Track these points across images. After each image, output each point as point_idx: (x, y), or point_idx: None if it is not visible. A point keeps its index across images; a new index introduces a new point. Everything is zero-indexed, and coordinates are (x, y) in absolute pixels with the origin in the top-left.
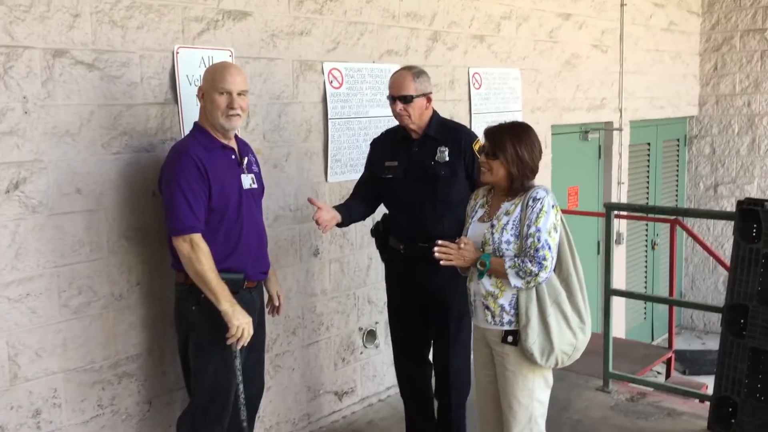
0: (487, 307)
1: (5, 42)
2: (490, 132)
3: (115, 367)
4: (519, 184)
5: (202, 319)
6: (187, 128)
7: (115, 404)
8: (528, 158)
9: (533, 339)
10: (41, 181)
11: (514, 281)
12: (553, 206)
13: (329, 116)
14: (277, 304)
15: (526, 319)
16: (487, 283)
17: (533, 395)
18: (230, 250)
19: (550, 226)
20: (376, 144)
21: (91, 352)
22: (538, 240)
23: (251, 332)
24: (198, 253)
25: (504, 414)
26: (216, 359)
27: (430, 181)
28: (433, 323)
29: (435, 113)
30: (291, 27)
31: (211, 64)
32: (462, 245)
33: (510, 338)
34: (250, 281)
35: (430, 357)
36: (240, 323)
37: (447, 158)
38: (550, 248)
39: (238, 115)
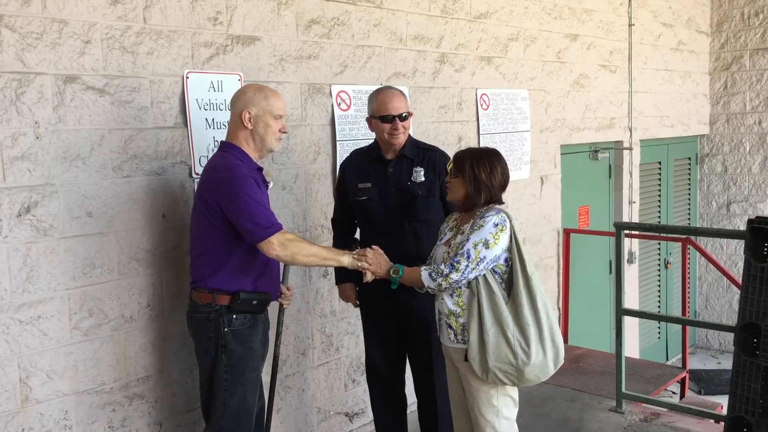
0: (450, 326)
1: (17, 68)
2: (457, 154)
3: (126, 388)
4: (473, 201)
5: (234, 340)
6: (197, 151)
7: (125, 426)
8: (485, 178)
9: (472, 355)
10: (52, 204)
11: (427, 282)
12: (496, 225)
13: (337, 138)
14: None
15: (467, 336)
16: (450, 303)
17: (499, 413)
18: (262, 270)
19: (479, 239)
20: (346, 166)
21: (102, 374)
22: (461, 247)
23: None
24: (293, 247)
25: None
26: (246, 381)
27: (407, 202)
28: (414, 346)
29: (408, 134)
30: (299, 51)
31: (248, 84)
32: (370, 254)
33: None
34: (270, 301)
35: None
36: (372, 267)
37: (422, 178)
38: (468, 257)
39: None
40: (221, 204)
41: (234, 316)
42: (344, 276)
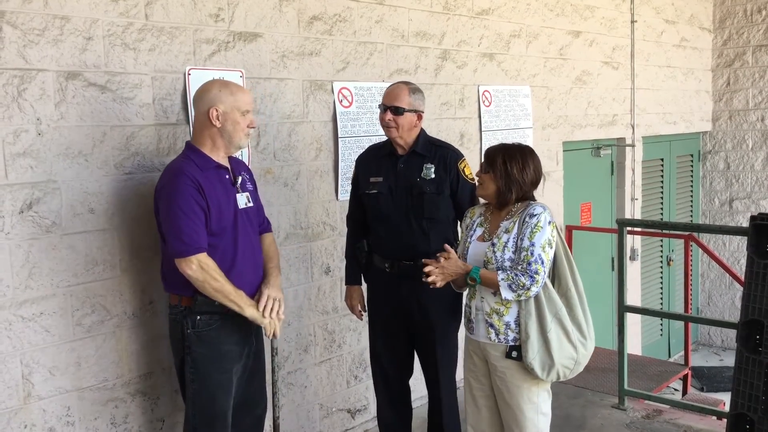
0: (491, 325)
1: (19, 65)
2: (489, 150)
3: (128, 385)
4: (505, 198)
5: (198, 342)
6: None
7: (128, 422)
8: (516, 174)
9: (533, 354)
10: (54, 201)
11: (506, 294)
12: (549, 222)
13: (339, 135)
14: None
15: (525, 335)
16: (492, 301)
17: (538, 408)
18: (227, 269)
19: (544, 241)
20: (361, 161)
21: (105, 371)
22: (531, 254)
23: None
24: (210, 272)
25: (509, 428)
26: (213, 383)
27: (416, 198)
28: (419, 342)
29: (422, 131)
30: (301, 47)
31: (211, 81)
32: (443, 260)
33: (514, 353)
34: None
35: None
36: (270, 319)
37: (433, 175)
38: (542, 263)
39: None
40: (159, 211)
41: (198, 317)
42: (355, 277)
